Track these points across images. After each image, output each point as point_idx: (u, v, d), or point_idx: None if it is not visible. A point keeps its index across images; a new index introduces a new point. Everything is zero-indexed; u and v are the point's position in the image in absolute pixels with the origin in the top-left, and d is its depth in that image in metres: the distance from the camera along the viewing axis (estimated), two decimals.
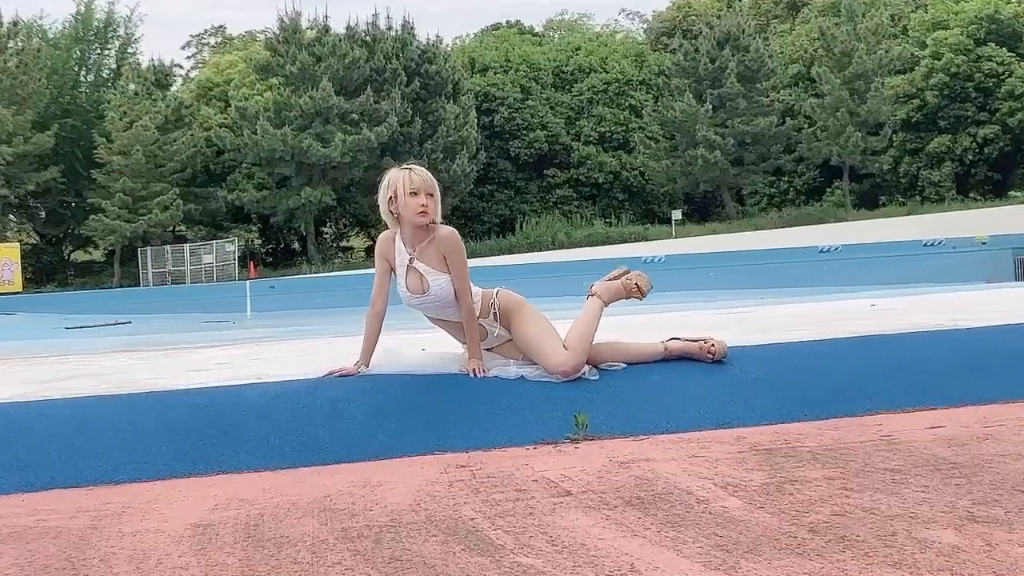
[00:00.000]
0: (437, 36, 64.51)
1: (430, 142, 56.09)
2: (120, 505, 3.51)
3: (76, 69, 63.34)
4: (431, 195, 4.86)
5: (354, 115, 53.96)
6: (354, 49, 55.03)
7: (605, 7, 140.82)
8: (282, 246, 67.73)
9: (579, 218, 61.71)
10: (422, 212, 4.84)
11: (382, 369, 4.94)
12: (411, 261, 4.91)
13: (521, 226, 59.76)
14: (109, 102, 56.63)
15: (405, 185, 4.84)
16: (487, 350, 4.99)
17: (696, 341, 5.02)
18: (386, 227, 5.08)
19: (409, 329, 7.66)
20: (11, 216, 57.62)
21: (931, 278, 18.95)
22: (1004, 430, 3.94)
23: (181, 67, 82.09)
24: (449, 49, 65.74)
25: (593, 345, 4.93)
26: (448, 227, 4.97)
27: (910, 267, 24.01)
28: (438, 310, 4.94)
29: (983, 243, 28.42)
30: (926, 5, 64.56)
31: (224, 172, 58.53)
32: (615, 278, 5.21)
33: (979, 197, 58.55)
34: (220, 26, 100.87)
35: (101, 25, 64.41)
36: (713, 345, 4.95)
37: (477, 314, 4.92)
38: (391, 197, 4.88)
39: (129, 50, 65.68)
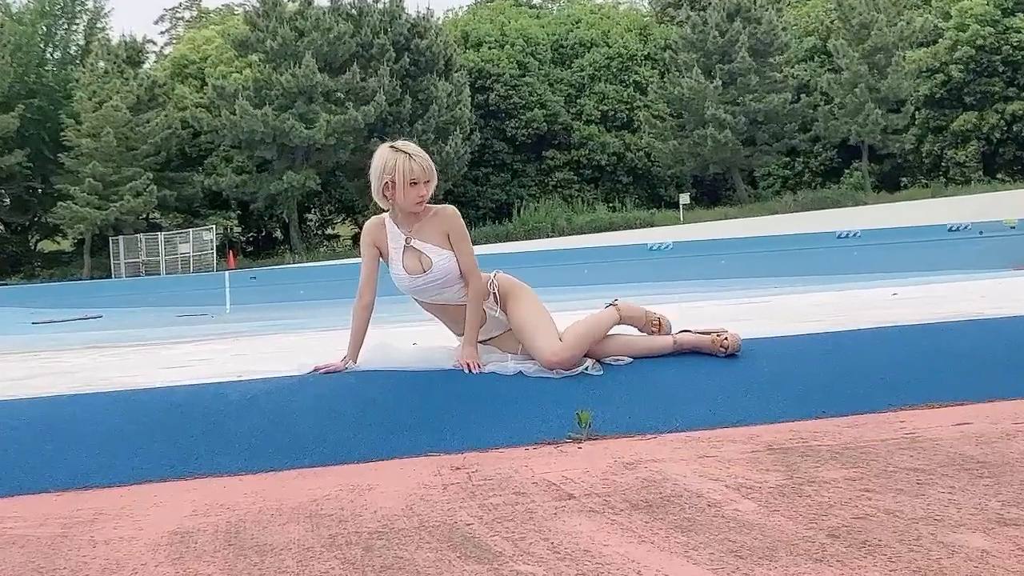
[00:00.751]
0: (428, 9, 64.83)
1: (421, 122, 56.10)
2: (92, 511, 3.50)
3: (42, 46, 63.29)
4: (428, 182, 4.88)
5: (339, 94, 53.95)
6: (339, 23, 55.00)
7: None
8: (263, 234, 67.78)
9: (580, 203, 61.77)
10: (419, 202, 4.88)
11: (371, 365, 4.94)
12: (408, 241, 4.92)
13: (518, 212, 59.82)
14: (77, 81, 56.62)
15: (405, 175, 4.83)
16: (483, 343, 4.99)
17: (707, 334, 5.02)
18: (374, 212, 5.09)
19: (400, 322, 7.66)
20: None
21: (957, 264, 18.95)
22: None
23: (154, 43, 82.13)
24: (441, 23, 65.71)
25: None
26: (448, 205, 5.01)
27: (934, 253, 24.04)
28: (439, 291, 4.94)
29: (1012, 227, 28.44)
30: None
31: (201, 155, 58.52)
32: (644, 317, 5.19)
33: (1007, 178, 58.56)
34: None
35: None
36: (726, 338, 4.95)
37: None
38: (388, 184, 4.87)
39: (98, 25, 65.71)
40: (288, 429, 4.29)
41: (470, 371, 4.80)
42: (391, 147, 4.92)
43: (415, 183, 4.84)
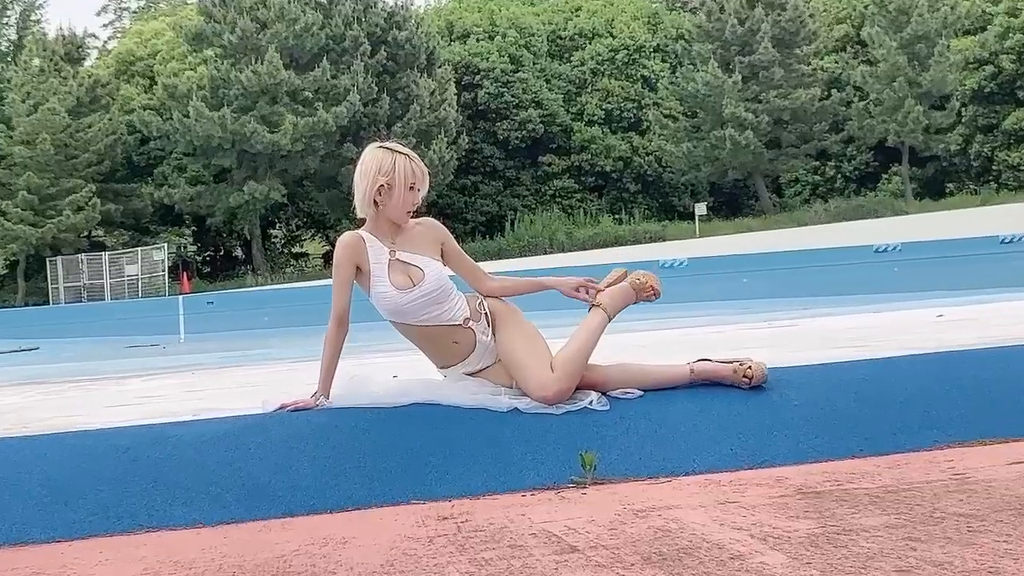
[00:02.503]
0: None
1: (400, 124, 56.14)
2: (30, 571, 3.49)
3: None
4: (421, 189, 4.97)
5: (307, 93, 54.00)
6: (306, 13, 55.10)
7: None
8: (221, 253, 67.72)
9: (582, 215, 61.83)
10: (412, 210, 4.96)
11: (345, 401, 4.93)
12: (392, 254, 4.93)
13: (512, 225, 59.85)
14: (9, 81, 56.62)
15: (407, 178, 4.89)
16: (473, 375, 4.98)
17: (729, 363, 5.01)
18: (348, 227, 5.09)
19: (377, 351, 7.67)
20: None
21: (1010, 282, 18.95)
22: None
23: (96, 37, 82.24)
24: (422, 12, 65.97)
25: (604, 368, 4.93)
26: (427, 217, 5.10)
27: (985, 269, 24.06)
28: (430, 306, 4.91)
29: None
30: None
31: (150, 164, 58.53)
32: (616, 281, 5.22)
33: None
34: None
35: None
36: (749, 367, 4.95)
37: (468, 316, 4.95)
38: (384, 186, 4.88)
39: (32, 18, 65.82)
40: (251, 475, 4.28)
41: (593, 288, 5.11)
42: (384, 148, 4.95)
43: (413, 187, 4.90)
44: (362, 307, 5.03)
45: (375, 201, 4.89)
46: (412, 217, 5.00)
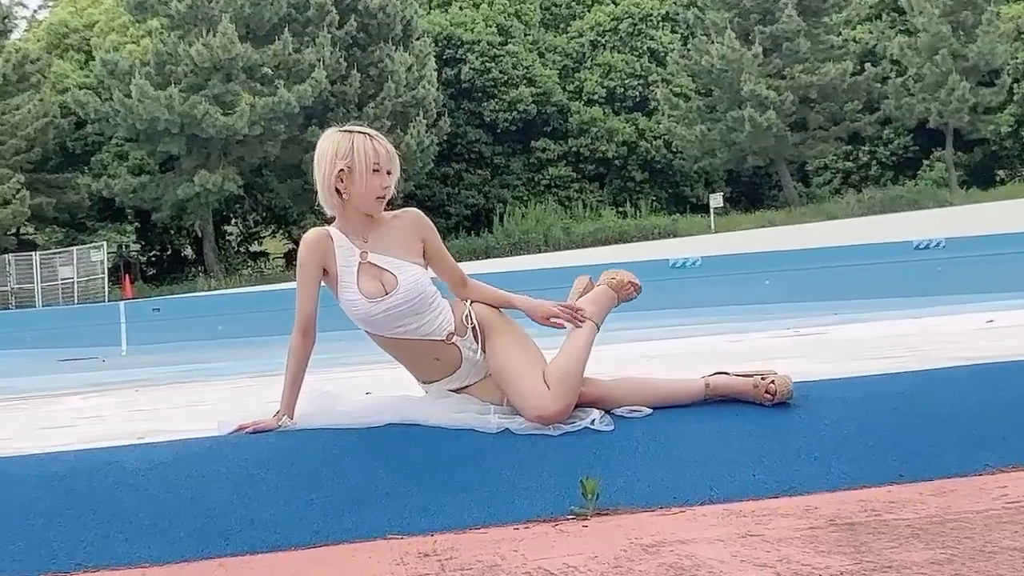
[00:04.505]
0: None
1: (373, 104, 56.16)
2: None
3: None
4: (390, 172, 4.90)
5: (266, 69, 53.97)
6: None
7: None
8: (169, 252, 67.66)
9: (581, 207, 61.90)
10: (382, 196, 4.87)
11: (312, 421, 4.92)
12: (363, 256, 4.90)
13: (501, 219, 59.85)
14: None
15: (368, 158, 4.82)
16: (458, 391, 4.97)
17: (750, 376, 5.01)
18: (313, 223, 5.08)
19: (349, 364, 7.66)
20: None
21: None
22: None
23: (24, 6, 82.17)
24: None
25: (607, 383, 4.93)
26: (409, 208, 5.06)
27: None
28: (405, 318, 4.89)
29: None
30: None
31: (87, 151, 58.46)
32: (584, 291, 5.25)
33: None
34: None
35: None
36: (772, 381, 4.95)
37: (452, 330, 4.93)
38: (344, 171, 4.84)
39: None
40: (205, 507, 4.27)
41: (569, 315, 5.04)
42: (340, 130, 4.92)
43: (378, 169, 4.84)
44: (331, 314, 5.02)
45: (337, 190, 4.85)
46: (389, 209, 4.97)
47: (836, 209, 55.91)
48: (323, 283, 4.95)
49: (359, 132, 4.87)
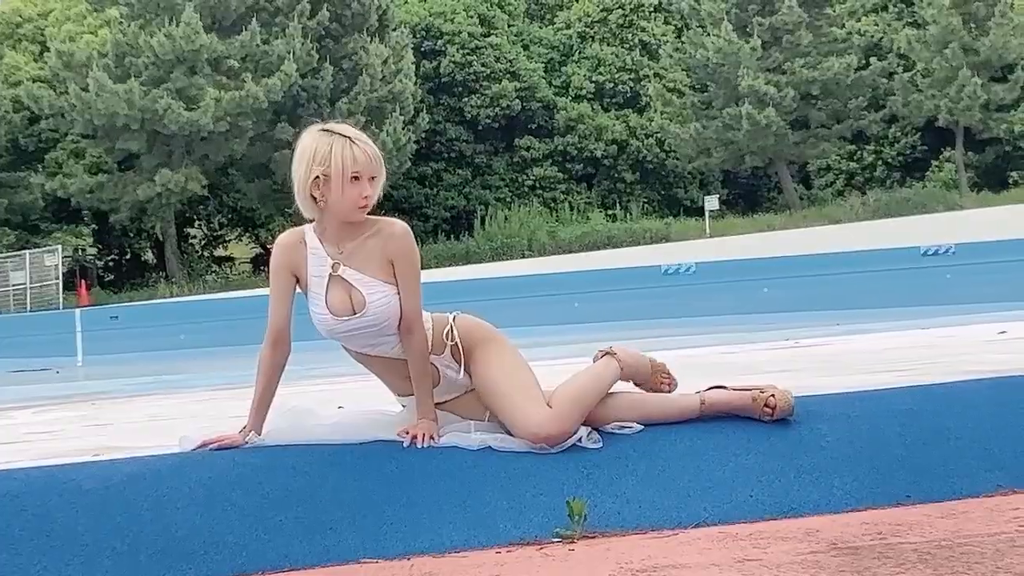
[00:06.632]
0: None
1: (346, 99, 56.11)
2: None
3: None
4: (374, 178, 4.84)
5: (233, 61, 53.91)
6: None
7: None
8: (128, 257, 67.57)
9: (568, 210, 61.87)
10: (363, 205, 4.83)
11: (281, 437, 4.91)
12: (334, 268, 4.88)
13: (483, 223, 59.80)
14: None
15: (347, 166, 4.75)
16: (438, 405, 4.96)
17: (747, 391, 5.02)
18: (284, 226, 5.07)
19: (321, 376, 7.66)
20: None
21: None
22: None
23: None
24: None
25: None
26: (396, 220, 4.96)
27: None
28: (373, 339, 4.88)
29: None
30: None
31: (41, 148, 58.35)
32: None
33: None
34: None
35: None
36: (772, 396, 4.94)
37: (428, 349, 4.90)
38: (319, 178, 4.80)
39: None
40: (166, 529, 4.27)
41: (419, 445, 4.75)
42: (322, 130, 4.85)
43: (357, 177, 4.78)
44: (304, 323, 5.00)
45: (313, 196, 4.81)
46: (372, 214, 4.92)
47: (839, 212, 55.99)
48: (299, 289, 4.93)
49: (339, 135, 4.79)
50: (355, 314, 4.80)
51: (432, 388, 4.89)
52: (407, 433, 4.80)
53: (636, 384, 5.14)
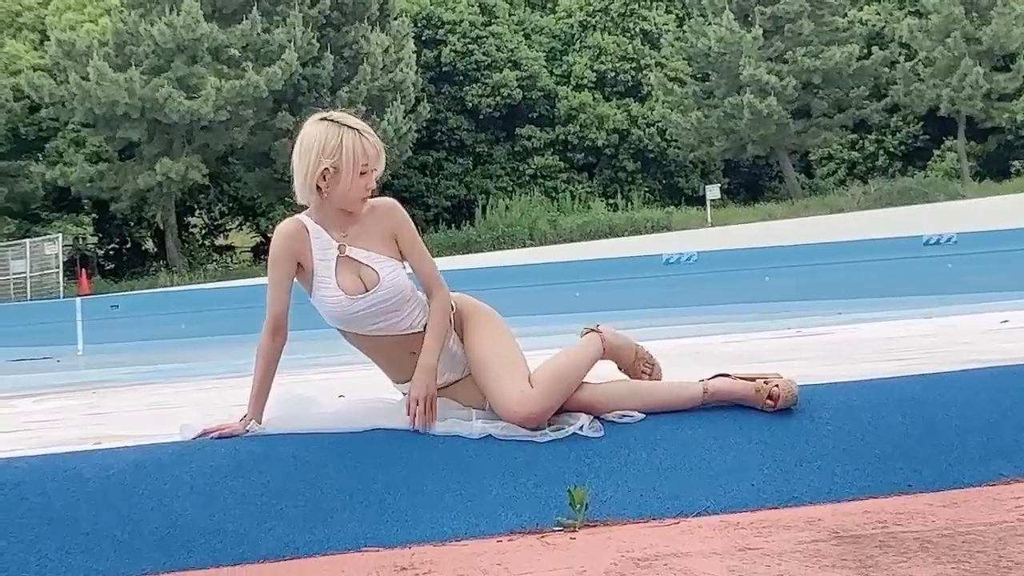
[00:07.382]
0: None
1: (347, 88, 56.06)
2: None
3: None
4: (376, 169, 4.86)
5: (233, 50, 53.85)
6: None
7: None
8: (129, 246, 67.49)
9: (569, 199, 61.83)
10: (367, 196, 4.85)
11: (282, 426, 4.90)
12: (341, 249, 4.88)
13: (484, 212, 59.79)
14: None
15: (357, 159, 4.76)
16: (440, 390, 4.93)
17: (750, 380, 5.01)
18: (283, 214, 5.06)
19: (321, 365, 7.65)
20: None
21: None
22: None
23: None
24: None
25: (596, 386, 4.90)
26: (384, 198, 4.99)
27: None
28: (385, 315, 4.88)
29: None
30: None
31: (41, 137, 58.27)
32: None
33: None
34: None
35: None
36: (776, 385, 4.94)
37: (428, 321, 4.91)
38: (329, 170, 4.79)
39: None
40: (167, 517, 4.26)
41: (415, 409, 4.77)
42: (329, 120, 4.83)
43: (365, 172, 4.79)
44: (303, 312, 4.99)
45: (318, 187, 4.80)
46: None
47: (841, 202, 55.97)
48: (297, 279, 4.92)
49: (349, 127, 4.79)
50: (368, 291, 4.80)
51: (441, 345, 4.88)
52: (409, 398, 4.81)
53: (619, 367, 5.15)
